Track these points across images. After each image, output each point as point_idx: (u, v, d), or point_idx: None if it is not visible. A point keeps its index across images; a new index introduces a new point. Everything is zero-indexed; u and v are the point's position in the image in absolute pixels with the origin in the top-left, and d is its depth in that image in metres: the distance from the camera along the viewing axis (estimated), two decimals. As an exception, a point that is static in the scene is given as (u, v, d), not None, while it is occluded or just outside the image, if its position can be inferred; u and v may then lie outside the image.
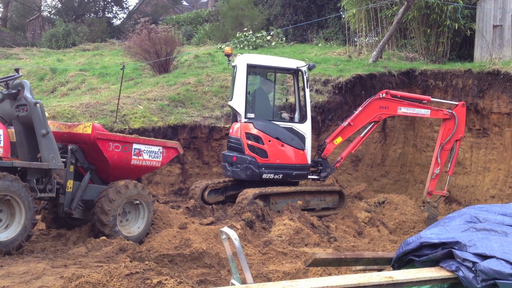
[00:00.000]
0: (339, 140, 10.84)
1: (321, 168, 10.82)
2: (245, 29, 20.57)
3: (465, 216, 4.09)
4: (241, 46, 19.24)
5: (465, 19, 16.06)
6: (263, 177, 10.15)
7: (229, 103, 10.72)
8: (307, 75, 10.55)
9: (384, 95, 10.87)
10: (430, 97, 11.52)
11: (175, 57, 16.30)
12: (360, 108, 10.93)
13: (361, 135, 11.13)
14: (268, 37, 20.21)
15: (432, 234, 3.87)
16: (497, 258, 3.38)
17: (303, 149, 10.46)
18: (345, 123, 10.85)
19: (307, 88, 10.60)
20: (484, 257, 3.44)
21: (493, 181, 12.65)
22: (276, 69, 10.87)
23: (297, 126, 10.55)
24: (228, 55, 10.94)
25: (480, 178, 12.91)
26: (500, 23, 15.07)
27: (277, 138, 10.25)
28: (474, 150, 13.10)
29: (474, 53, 15.78)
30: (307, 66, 10.56)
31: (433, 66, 14.74)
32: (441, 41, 16.50)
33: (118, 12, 32.71)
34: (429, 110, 11.12)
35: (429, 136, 13.80)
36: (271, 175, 10.21)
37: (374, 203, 11.42)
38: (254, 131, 10.17)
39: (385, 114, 11.04)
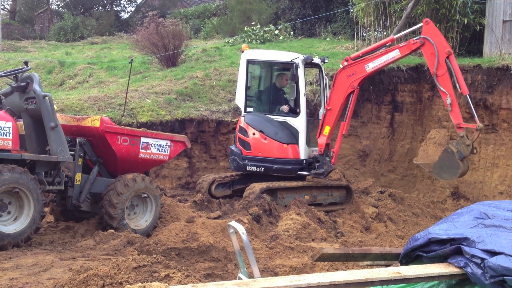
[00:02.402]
0: (327, 129, 10.32)
1: (317, 164, 10.67)
2: (253, 23, 20.50)
3: (474, 212, 4.07)
4: (249, 40, 19.19)
5: (474, 14, 15.92)
6: (247, 169, 10.23)
7: (236, 98, 10.87)
8: (299, 69, 10.22)
9: (345, 63, 10.23)
10: (392, 36, 10.65)
11: (182, 51, 16.30)
12: (331, 89, 10.45)
13: (344, 119, 10.40)
14: (276, 31, 20.14)
15: (440, 230, 3.86)
16: (506, 254, 3.37)
17: (287, 143, 10.27)
18: (324, 111, 10.40)
19: (300, 81, 10.29)
20: (493, 253, 3.42)
21: (502, 177, 12.58)
22: (273, 63, 10.89)
23: (291, 120, 10.42)
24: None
25: (489, 174, 12.84)
26: (510, 18, 14.94)
27: (261, 131, 10.25)
28: (482, 146, 13.02)
29: (483, 48, 15.64)
30: (302, 59, 10.29)
31: (442, 61, 14.61)
32: (450, 36, 16.36)
33: (126, 6, 32.91)
34: (397, 50, 10.06)
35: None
36: (254, 167, 10.23)
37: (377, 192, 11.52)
38: (242, 124, 10.34)
39: (356, 80, 10.21)
